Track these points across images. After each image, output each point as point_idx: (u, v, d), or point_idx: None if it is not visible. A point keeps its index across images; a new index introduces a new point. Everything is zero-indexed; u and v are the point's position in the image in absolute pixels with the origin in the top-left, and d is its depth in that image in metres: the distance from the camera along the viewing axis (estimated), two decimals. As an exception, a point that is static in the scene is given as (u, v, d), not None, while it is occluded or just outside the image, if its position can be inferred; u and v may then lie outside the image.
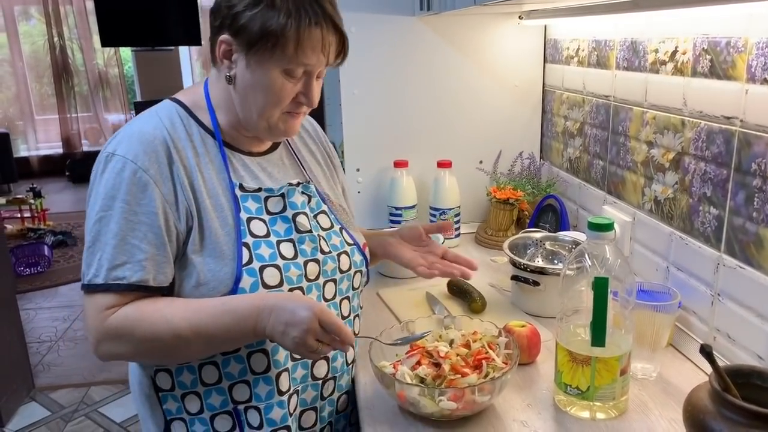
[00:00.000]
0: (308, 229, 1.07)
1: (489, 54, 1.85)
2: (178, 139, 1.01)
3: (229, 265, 0.98)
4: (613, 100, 1.48)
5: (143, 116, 1.04)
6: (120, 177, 0.96)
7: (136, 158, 0.96)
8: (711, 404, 0.81)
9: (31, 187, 5.14)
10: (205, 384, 1.02)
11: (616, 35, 1.45)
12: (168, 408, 1.04)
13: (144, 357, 1.02)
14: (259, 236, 1.02)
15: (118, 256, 0.94)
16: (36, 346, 3.26)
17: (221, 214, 1.00)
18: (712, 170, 1.12)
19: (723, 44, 1.07)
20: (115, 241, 0.94)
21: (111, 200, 0.96)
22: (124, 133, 1.00)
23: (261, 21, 0.93)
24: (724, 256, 1.09)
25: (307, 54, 0.95)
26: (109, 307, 0.94)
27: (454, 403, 0.94)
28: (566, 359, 0.98)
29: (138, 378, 1.08)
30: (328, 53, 0.98)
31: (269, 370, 1.02)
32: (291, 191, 1.07)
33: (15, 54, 6.97)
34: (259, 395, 1.02)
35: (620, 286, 0.95)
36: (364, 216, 1.88)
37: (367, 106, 1.84)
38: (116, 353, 0.97)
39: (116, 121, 7.48)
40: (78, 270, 4.26)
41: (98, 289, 0.94)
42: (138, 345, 0.95)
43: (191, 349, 0.96)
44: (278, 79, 0.97)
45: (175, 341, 0.94)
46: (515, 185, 1.83)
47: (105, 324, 0.93)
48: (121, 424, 2.59)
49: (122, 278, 0.94)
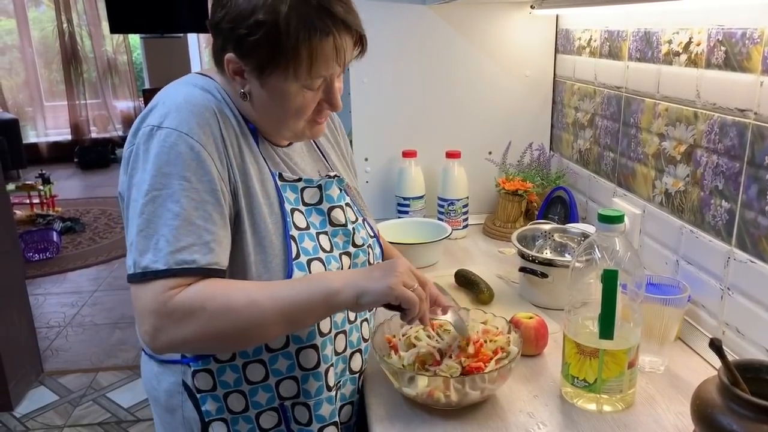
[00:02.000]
0: (342, 222, 1.05)
1: (500, 44, 1.84)
2: (225, 115, 0.93)
3: (279, 256, 0.94)
4: (625, 92, 1.47)
5: (180, 87, 0.95)
6: (174, 151, 0.86)
7: (191, 131, 0.87)
8: (719, 398, 0.80)
9: (40, 173, 5.17)
10: (251, 382, 0.98)
11: (629, 25, 1.44)
12: (207, 409, 0.99)
13: (212, 340, 0.87)
14: (302, 228, 0.99)
15: (182, 237, 0.84)
16: (45, 331, 3.29)
17: (268, 201, 0.96)
18: (725, 163, 1.11)
19: (738, 35, 1.06)
20: (177, 222, 0.84)
21: (166, 177, 0.85)
22: (168, 104, 0.90)
23: (268, 45, 0.86)
24: (735, 249, 1.09)
25: (321, 67, 0.90)
26: (173, 287, 0.84)
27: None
28: (574, 351, 0.98)
29: (165, 386, 1.02)
30: (344, 57, 0.92)
31: (319, 366, 0.99)
32: (328, 183, 1.05)
33: (24, 40, 6.99)
34: (308, 391, 1.00)
35: (629, 279, 0.94)
36: (372, 206, 1.87)
37: (376, 96, 1.83)
38: (181, 339, 0.85)
39: (125, 108, 7.50)
40: (86, 256, 4.31)
41: (159, 275, 0.84)
42: (208, 322, 0.84)
43: (266, 320, 0.87)
44: (298, 95, 0.92)
45: (250, 311, 0.86)
46: (524, 176, 1.82)
47: (171, 303, 0.83)
48: (128, 410, 2.61)
49: (190, 262, 0.84)
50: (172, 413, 1.03)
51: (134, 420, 2.55)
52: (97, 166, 6.92)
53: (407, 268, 0.94)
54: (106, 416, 2.58)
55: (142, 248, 0.85)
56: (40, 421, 2.55)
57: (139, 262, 0.85)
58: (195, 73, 1.01)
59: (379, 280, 0.90)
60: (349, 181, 1.17)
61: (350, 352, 1.07)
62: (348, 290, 0.89)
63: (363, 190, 1.65)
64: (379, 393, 1.05)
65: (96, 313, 3.51)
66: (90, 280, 3.96)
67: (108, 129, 7.48)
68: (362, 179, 1.87)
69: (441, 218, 1.78)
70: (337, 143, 1.21)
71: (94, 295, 3.75)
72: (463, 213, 1.78)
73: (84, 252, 4.42)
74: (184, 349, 0.93)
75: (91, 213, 5.30)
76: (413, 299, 0.90)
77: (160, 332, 0.84)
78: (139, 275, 0.84)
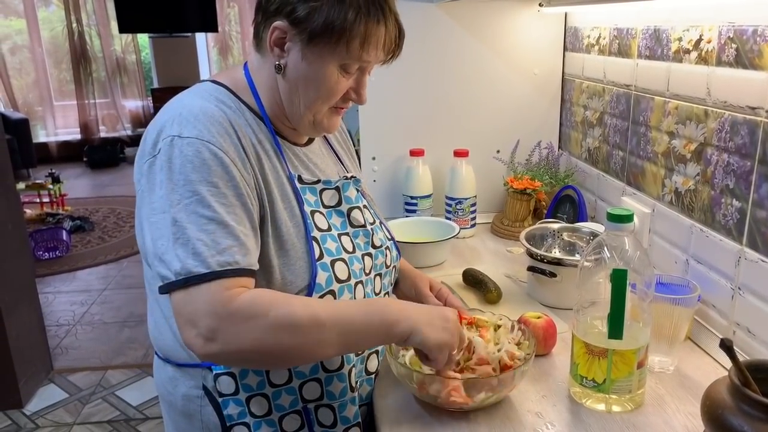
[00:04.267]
0: (362, 223, 1.06)
1: (508, 42, 1.83)
2: (238, 124, 0.93)
3: (303, 258, 0.94)
4: (634, 90, 1.46)
5: (192, 97, 0.94)
6: (198, 159, 0.86)
7: (212, 139, 0.87)
8: (730, 399, 0.80)
9: (50, 172, 5.21)
10: (274, 385, 0.97)
11: (638, 23, 1.43)
12: (229, 413, 0.97)
13: (266, 351, 0.84)
14: (324, 230, 0.99)
15: (221, 240, 0.83)
16: (54, 329, 3.31)
17: (288, 205, 0.96)
18: (736, 162, 1.10)
19: (749, 33, 1.05)
20: (211, 226, 0.84)
21: (194, 185, 0.85)
22: (186, 114, 0.89)
23: (327, 14, 0.88)
24: (745, 249, 1.08)
25: (369, 51, 0.92)
26: (229, 288, 0.81)
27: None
28: (582, 351, 0.97)
29: (183, 391, 1.00)
30: (387, 50, 0.95)
31: (342, 367, 0.98)
32: (346, 185, 1.05)
33: (34, 40, 7.03)
34: (332, 393, 0.99)
35: (639, 279, 0.94)
36: (380, 205, 1.85)
37: (383, 94, 1.82)
38: (237, 345, 0.81)
39: (133, 108, 7.54)
40: (95, 255, 4.34)
41: (205, 279, 0.81)
42: (270, 331, 0.82)
43: (325, 339, 0.85)
44: (334, 74, 0.93)
45: (312, 327, 0.84)
46: (533, 175, 1.81)
47: (234, 304, 0.80)
48: (137, 408, 2.63)
49: (233, 263, 0.83)
50: (189, 418, 1.01)
51: (143, 418, 2.56)
52: (106, 165, 6.96)
53: (459, 331, 0.95)
54: (115, 414, 2.59)
55: (182, 255, 0.82)
56: (50, 418, 2.57)
57: (180, 269, 0.82)
58: (206, 80, 1.01)
59: (437, 332, 0.91)
60: (363, 185, 1.17)
61: (368, 354, 1.07)
62: (404, 326, 0.90)
63: (370, 189, 1.65)
64: (387, 393, 1.05)
65: (105, 312, 3.53)
66: (99, 279, 3.99)
67: (117, 128, 7.53)
68: (370, 178, 1.87)
69: (449, 217, 1.77)
70: (347, 146, 1.22)
71: (103, 293, 3.77)
72: (471, 212, 1.77)
73: (93, 251, 4.44)
74: (236, 358, 0.86)
75: (100, 212, 5.33)
76: (448, 364, 0.94)
77: (218, 334, 0.80)
78: (182, 281, 0.82)
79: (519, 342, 1.04)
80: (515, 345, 1.03)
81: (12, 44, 7.05)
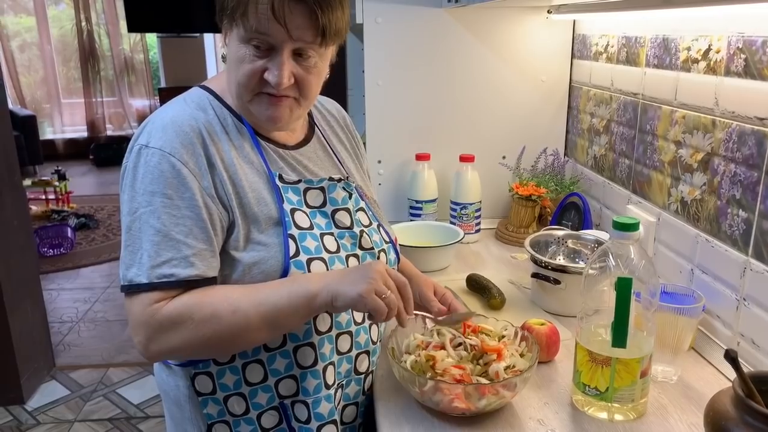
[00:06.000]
0: (348, 225, 1.06)
1: (516, 48, 1.83)
2: (214, 131, 0.97)
3: (276, 257, 0.96)
4: (642, 98, 1.46)
5: (173, 105, 1.00)
6: (158, 170, 0.91)
7: (173, 151, 0.92)
8: (734, 410, 0.79)
9: (56, 169, 5.22)
10: (250, 384, 0.99)
11: (646, 32, 1.42)
12: (209, 412, 1.01)
13: (200, 347, 0.92)
14: (304, 228, 1.00)
15: (162, 252, 0.89)
16: (57, 326, 3.32)
17: (264, 209, 0.98)
18: (743, 172, 1.09)
19: (759, 43, 1.04)
20: (157, 237, 0.89)
21: (150, 195, 0.90)
22: (157, 124, 0.95)
23: None
24: (751, 260, 1.07)
25: (261, 21, 0.90)
26: (158, 300, 0.89)
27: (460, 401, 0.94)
28: (586, 359, 0.97)
29: (171, 385, 1.05)
30: (289, 26, 0.90)
31: (316, 364, 1.00)
32: (332, 186, 1.06)
33: (43, 38, 7.07)
34: (307, 389, 1.00)
35: (643, 288, 0.93)
36: (385, 208, 1.87)
37: (390, 98, 1.83)
38: (171, 346, 0.90)
39: (140, 107, 7.56)
40: (99, 252, 4.35)
41: (142, 289, 0.89)
42: (196, 330, 0.89)
43: (251, 325, 0.90)
44: (240, 50, 0.94)
45: (234, 319, 0.89)
46: (538, 182, 1.81)
47: (159, 315, 0.88)
48: (138, 406, 2.63)
49: (169, 275, 0.89)
50: (183, 415, 1.05)
51: (144, 416, 2.56)
52: (112, 163, 6.97)
53: (381, 273, 0.92)
54: (116, 412, 2.59)
55: (129, 262, 0.91)
56: (51, 415, 2.57)
57: (125, 275, 0.91)
58: (197, 86, 1.05)
59: (351, 286, 0.90)
60: (364, 186, 1.17)
61: (356, 353, 1.07)
62: (324, 293, 0.91)
63: (375, 192, 1.65)
64: (388, 396, 1.05)
65: (108, 309, 3.53)
66: (103, 277, 4.00)
67: (123, 127, 7.55)
68: (375, 181, 1.87)
69: (453, 222, 1.77)
70: (353, 148, 1.22)
71: (106, 291, 3.78)
72: (475, 217, 1.77)
73: (97, 248, 4.46)
74: (175, 357, 0.98)
75: (105, 210, 5.34)
76: (382, 309, 0.90)
77: (151, 342, 0.90)
78: (126, 288, 0.91)
79: (522, 354, 1.04)
80: (519, 356, 1.03)
81: (21, 41, 7.09)
